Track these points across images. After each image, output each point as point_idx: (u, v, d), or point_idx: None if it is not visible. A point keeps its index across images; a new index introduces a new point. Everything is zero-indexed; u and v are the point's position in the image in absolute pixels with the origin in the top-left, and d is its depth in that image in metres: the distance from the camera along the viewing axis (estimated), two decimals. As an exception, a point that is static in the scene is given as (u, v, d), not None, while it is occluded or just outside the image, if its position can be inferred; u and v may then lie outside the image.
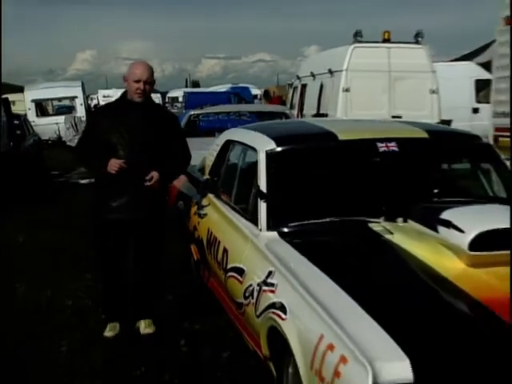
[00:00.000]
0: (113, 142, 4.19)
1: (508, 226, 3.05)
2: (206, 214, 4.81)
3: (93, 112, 4.27)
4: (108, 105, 4.72)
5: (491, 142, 6.19)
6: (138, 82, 4.18)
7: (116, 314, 4.57)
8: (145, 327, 4.48)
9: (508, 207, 3.70)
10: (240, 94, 28.34)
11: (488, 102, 7.99)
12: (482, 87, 13.40)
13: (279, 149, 4.06)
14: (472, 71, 14.74)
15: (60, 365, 4.13)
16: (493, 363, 2.43)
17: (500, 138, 6.69)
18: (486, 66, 12.88)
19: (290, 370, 2.97)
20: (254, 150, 4.22)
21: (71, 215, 8.75)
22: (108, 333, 4.47)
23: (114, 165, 4.10)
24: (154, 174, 4.16)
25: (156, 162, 4.20)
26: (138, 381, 3.89)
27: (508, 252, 2.99)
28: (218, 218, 4.52)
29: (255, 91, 37.88)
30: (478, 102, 13.78)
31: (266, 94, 32.54)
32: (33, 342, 4.49)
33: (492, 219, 3.14)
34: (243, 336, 3.76)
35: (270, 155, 4.02)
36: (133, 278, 4.55)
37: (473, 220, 3.12)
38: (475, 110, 13.59)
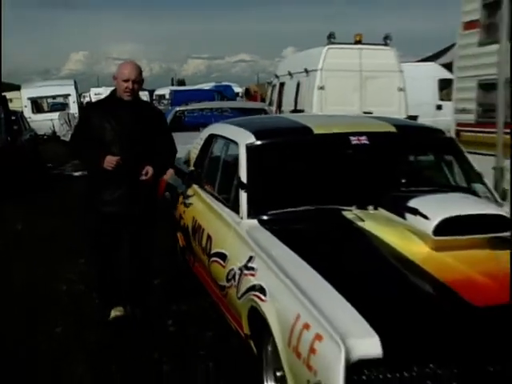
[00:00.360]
0: (104, 138, 4.09)
1: (469, 212, 3.08)
2: (191, 204, 4.79)
3: (84, 108, 4.13)
4: (98, 102, 4.62)
5: (454, 136, 6.21)
6: (126, 81, 4.09)
7: (113, 302, 4.43)
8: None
9: (468, 195, 3.74)
10: (223, 92, 28.23)
11: (450, 100, 8.05)
12: (445, 86, 13.49)
13: (259, 142, 4.05)
14: (435, 71, 14.85)
15: (55, 343, 4.13)
16: (455, 338, 2.44)
17: (461, 133, 6.73)
18: (448, 66, 12.96)
19: (270, 347, 2.97)
20: (236, 143, 4.20)
21: (66, 205, 8.71)
22: (113, 314, 4.35)
23: (110, 162, 3.99)
24: (149, 169, 4.07)
25: (145, 157, 4.10)
26: (129, 359, 3.87)
27: (470, 236, 3.02)
28: (202, 207, 4.50)
29: (237, 89, 37.73)
30: (441, 99, 13.87)
31: (247, 91, 32.52)
32: (30, 323, 4.46)
33: (454, 207, 3.16)
34: (226, 316, 3.75)
35: (250, 148, 4.00)
36: (126, 272, 4.45)
37: (437, 207, 3.13)
38: (438, 107, 13.68)
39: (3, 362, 3.84)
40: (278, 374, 2.87)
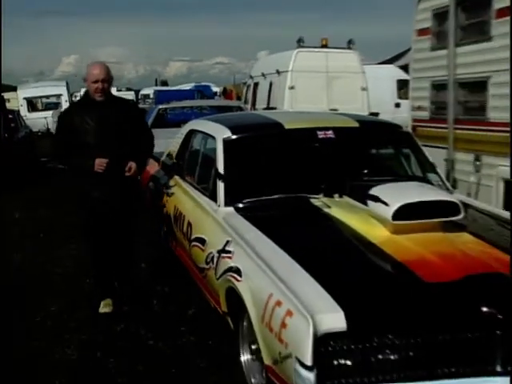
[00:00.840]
0: (84, 139, 3.91)
1: (424, 199, 3.09)
2: (173, 193, 4.75)
3: (62, 113, 3.90)
4: (74, 105, 4.37)
5: (410, 131, 6.25)
6: (96, 82, 3.90)
7: (108, 290, 4.28)
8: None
9: (423, 184, 3.77)
10: (202, 92, 28.02)
11: (407, 98, 8.11)
12: (402, 86, 13.58)
13: (234, 136, 4.03)
14: (394, 73, 14.92)
15: (50, 320, 4.12)
16: (410, 311, 2.46)
17: (417, 128, 6.77)
18: (405, 68, 13.05)
19: (245, 323, 2.97)
20: (213, 137, 4.17)
21: (58, 196, 8.58)
22: (103, 309, 4.17)
23: (100, 164, 3.85)
24: (132, 165, 3.96)
25: (126, 152, 3.95)
26: (118, 334, 3.85)
27: (425, 221, 3.04)
28: (183, 196, 4.46)
29: (215, 89, 37.47)
30: (400, 98, 13.95)
31: (224, 91, 32.39)
32: (27, 301, 4.44)
33: (411, 194, 3.16)
34: (205, 295, 3.73)
35: (227, 142, 3.98)
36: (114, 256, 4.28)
37: (395, 195, 3.13)
38: (397, 105, 13.75)
39: (6, 331, 3.87)
40: (253, 346, 2.87)
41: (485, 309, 2.43)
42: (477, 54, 5.74)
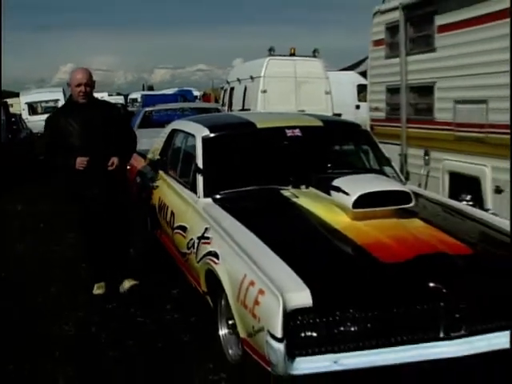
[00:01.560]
0: (70, 141, 3.80)
1: (380, 189, 3.11)
2: (157, 186, 4.69)
3: (48, 117, 3.74)
4: (59, 109, 4.20)
5: (369, 129, 6.28)
6: (79, 85, 3.77)
7: (101, 275, 4.20)
8: (127, 284, 4.14)
9: (380, 176, 3.79)
10: (184, 95, 27.68)
11: (365, 101, 8.15)
12: (361, 90, 13.60)
13: (212, 135, 3.99)
14: (354, 78, 14.97)
15: (51, 297, 4.12)
16: (368, 288, 2.48)
17: (374, 127, 6.81)
18: (363, 74, 13.09)
19: (223, 301, 2.95)
20: (193, 136, 4.13)
21: (55, 191, 8.36)
22: (96, 291, 4.12)
23: (81, 163, 3.74)
24: (114, 159, 3.85)
25: (109, 150, 3.84)
26: (110, 312, 3.84)
27: (381, 208, 3.06)
28: (166, 188, 4.41)
29: (196, 93, 37.08)
30: (359, 100, 13.97)
31: (204, 94, 32.14)
32: (29, 285, 4.39)
33: (369, 185, 3.17)
34: (187, 277, 3.70)
35: (205, 140, 3.94)
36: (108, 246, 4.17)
37: (355, 186, 3.14)
38: (357, 107, 13.79)
39: (10, 311, 3.86)
40: (230, 322, 2.86)
41: (431, 284, 2.47)
42: (424, 62, 5.80)
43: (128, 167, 4.55)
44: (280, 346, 2.24)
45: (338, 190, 3.15)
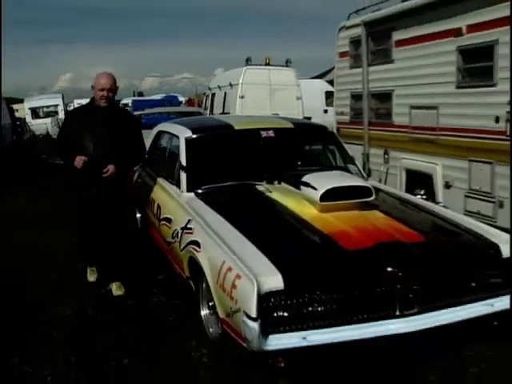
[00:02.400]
0: (82, 140, 3.54)
1: (345, 184, 3.12)
2: (145, 182, 4.62)
3: (67, 114, 3.52)
4: (79, 108, 3.87)
5: (335, 131, 6.31)
6: (102, 90, 3.55)
7: (93, 260, 4.00)
8: (116, 289, 3.77)
9: (344, 173, 3.81)
10: (170, 101, 27.37)
11: (332, 106, 8.18)
12: (329, 96, 13.65)
13: (194, 136, 3.94)
14: (323, 86, 14.99)
15: (51, 283, 4.04)
16: (333, 272, 2.49)
17: (340, 129, 6.83)
18: (331, 82, 13.13)
19: (204, 285, 2.93)
20: (177, 137, 4.07)
21: (56, 186, 8.37)
22: (90, 277, 3.99)
23: (78, 161, 3.49)
24: (110, 167, 3.52)
25: (117, 156, 3.53)
26: (104, 294, 3.78)
27: (345, 201, 3.06)
28: (153, 184, 4.33)
29: (181, 98, 36.60)
30: (327, 105, 14.02)
31: (189, 100, 31.86)
32: (31, 270, 4.32)
33: (334, 180, 3.18)
34: (172, 264, 3.66)
35: (188, 140, 3.90)
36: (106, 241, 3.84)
37: (322, 181, 3.14)
38: (325, 111, 13.82)
39: (13, 295, 3.78)
40: (210, 303, 2.85)
41: (389, 269, 2.49)
42: (383, 72, 5.86)
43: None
44: (255, 325, 2.24)
45: (307, 185, 3.15)
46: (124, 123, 3.70)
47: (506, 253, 2.72)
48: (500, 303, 2.64)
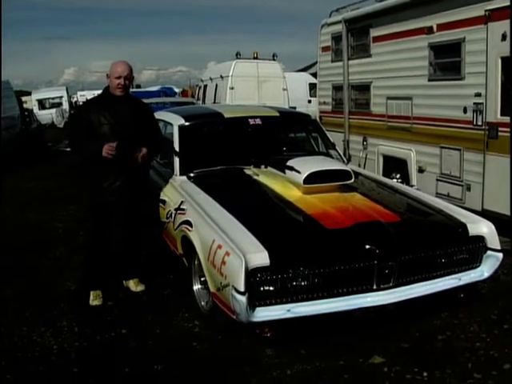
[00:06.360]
0: (101, 132, 3.02)
1: (326, 168, 3.07)
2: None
3: (80, 106, 3.13)
4: (93, 99, 3.35)
5: (318, 119, 6.25)
6: (119, 78, 3.05)
7: (99, 283, 3.26)
8: (135, 286, 3.38)
9: (326, 157, 3.76)
10: (166, 92, 26.99)
11: (315, 96, 8.12)
12: (312, 87, 13.57)
13: (187, 123, 3.86)
14: (307, 78, 14.92)
15: (54, 261, 3.98)
16: (315, 249, 2.46)
17: (323, 117, 6.78)
18: (314, 75, 13.02)
19: (196, 262, 2.88)
20: (171, 124, 3.97)
21: (61, 171, 8.47)
22: (93, 302, 3.18)
23: (108, 149, 2.92)
24: (143, 150, 3.07)
25: (138, 145, 3.08)
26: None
27: (327, 184, 3.02)
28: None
29: (176, 90, 36.15)
30: (311, 96, 13.95)
31: (183, 91, 31.50)
32: (34, 248, 4.26)
33: (317, 164, 3.15)
34: (167, 242, 3.60)
35: (181, 127, 3.81)
36: (121, 247, 3.41)
37: (305, 165, 3.10)
38: (309, 101, 13.76)
39: (20, 270, 3.75)
40: (202, 279, 2.81)
41: (367, 246, 2.47)
42: (362, 65, 5.81)
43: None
44: (243, 298, 2.22)
45: (291, 169, 3.10)
46: (143, 113, 3.28)
47: (472, 231, 2.71)
48: (466, 277, 2.67)
